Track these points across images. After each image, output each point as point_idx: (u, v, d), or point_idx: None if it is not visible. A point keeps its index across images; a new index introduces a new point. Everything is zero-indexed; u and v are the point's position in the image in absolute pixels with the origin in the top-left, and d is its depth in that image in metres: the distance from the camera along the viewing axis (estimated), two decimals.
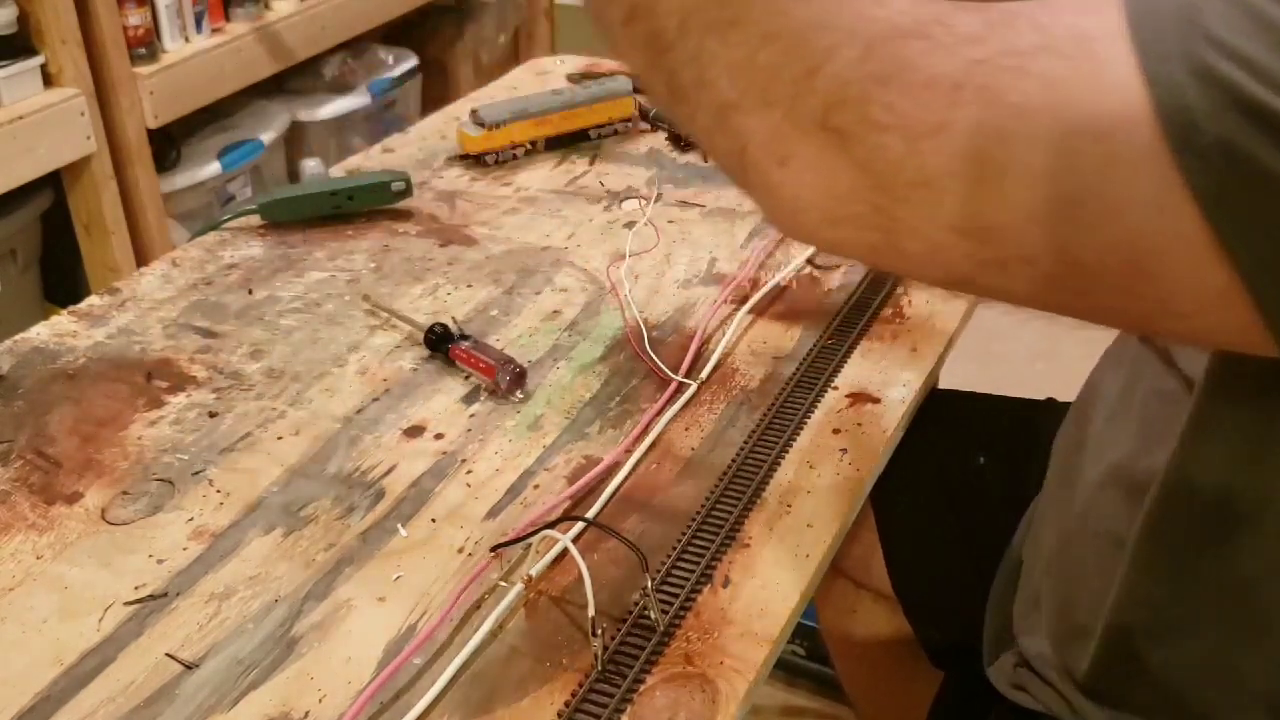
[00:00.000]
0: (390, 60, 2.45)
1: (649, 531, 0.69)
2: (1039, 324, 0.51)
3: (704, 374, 0.83)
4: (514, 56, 2.83)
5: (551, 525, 0.67)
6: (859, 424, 0.78)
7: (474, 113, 1.16)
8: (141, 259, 1.91)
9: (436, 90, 2.58)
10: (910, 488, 0.94)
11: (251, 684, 0.60)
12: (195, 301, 0.93)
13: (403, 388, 0.83)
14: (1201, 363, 0.56)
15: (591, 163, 1.17)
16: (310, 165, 1.10)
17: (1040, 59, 0.43)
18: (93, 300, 0.93)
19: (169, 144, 2.02)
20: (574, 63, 1.42)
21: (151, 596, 0.65)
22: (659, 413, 0.79)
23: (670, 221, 1.05)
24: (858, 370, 0.84)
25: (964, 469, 0.96)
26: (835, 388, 0.82)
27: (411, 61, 2.49)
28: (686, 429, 0.78)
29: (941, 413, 0.98)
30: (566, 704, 0.58)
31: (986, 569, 0.87)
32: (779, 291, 0.94)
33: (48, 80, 1.75)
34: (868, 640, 1.06)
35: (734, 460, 0.75)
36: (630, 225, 1.05)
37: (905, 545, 0.95)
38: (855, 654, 1.10)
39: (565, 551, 0.64)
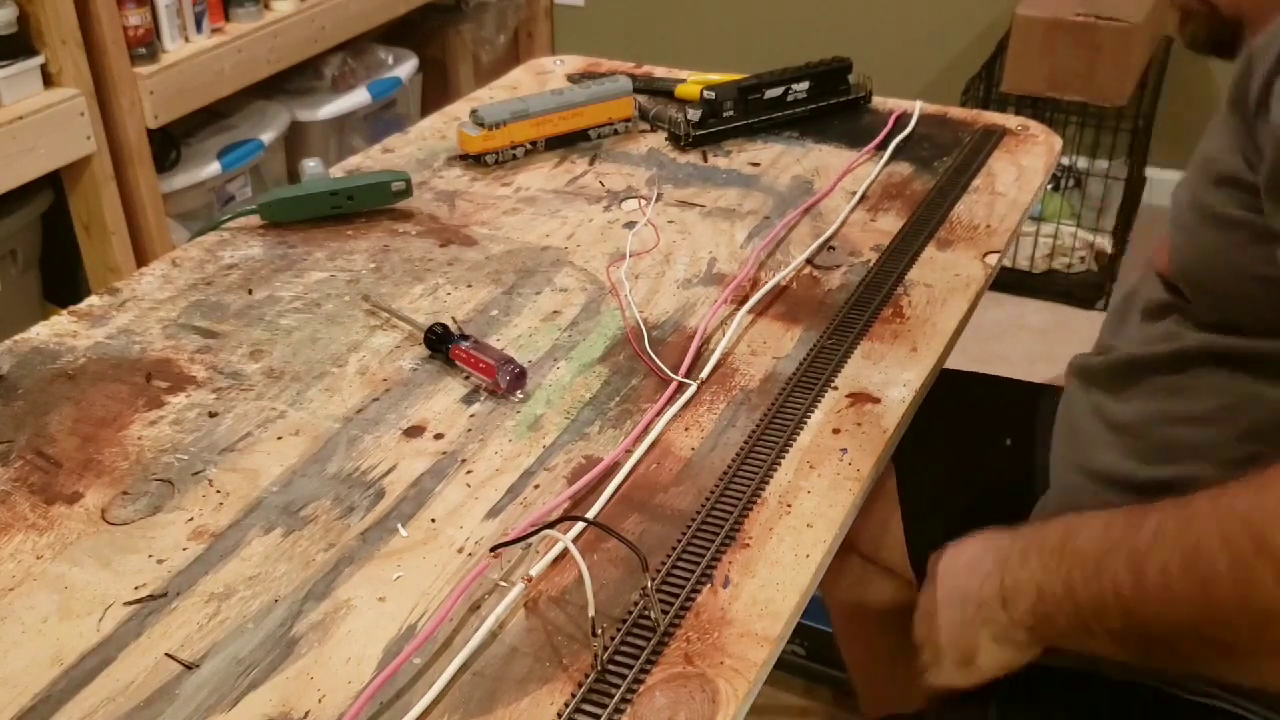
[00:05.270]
0: (390, 60, 2.46)
1: (649, 531, 0.69)
2: (1038, 325, 0.51)
3: (704, 374, 0.83)
4: (514, 56, 2.84)
5: (551, 525, 0.67)
6: (859, 424, 0.78)
7: (474, 113, 1.16)
8: (141, 259, 1.91)
9: (436, 90, 2.58)
10: (934, 465, 0.95)
11: (251, 684, 0.60)
12: (195, 301, 0.93)
13: (403, 388, 0.83)
14: None
15: (591, 163, 1.17)
16: (310, 165, 1.10)
17: None
18: (93, 300, 0.93)
19: (169, 144, 2.02)
20: (574, 63, 1.42)
21: (151, 596, 0.65)
22: (659, 413, 0.79)
23: (670, 221, 1.05)
24: (858, 370, 0.84)
25: (988, 449, 0.97)
26: (835, 388, 0.82)
27: (411, 61, 2.50)
28: (686, 429, 0.78)
29: (968, 393, 0.99)
30: (566, 704, 0.58)
31: None
32: (779, 291, 0.94)
33: (48, 80, 1.75)
34: (875, 616, 1.06)
35: (734, 460, 0.75)
36: (630, 225, 1.05)
37: (926, 521, 0.96)
38: (861, 630, 1.10)
39: (565, 551, 0.64)
